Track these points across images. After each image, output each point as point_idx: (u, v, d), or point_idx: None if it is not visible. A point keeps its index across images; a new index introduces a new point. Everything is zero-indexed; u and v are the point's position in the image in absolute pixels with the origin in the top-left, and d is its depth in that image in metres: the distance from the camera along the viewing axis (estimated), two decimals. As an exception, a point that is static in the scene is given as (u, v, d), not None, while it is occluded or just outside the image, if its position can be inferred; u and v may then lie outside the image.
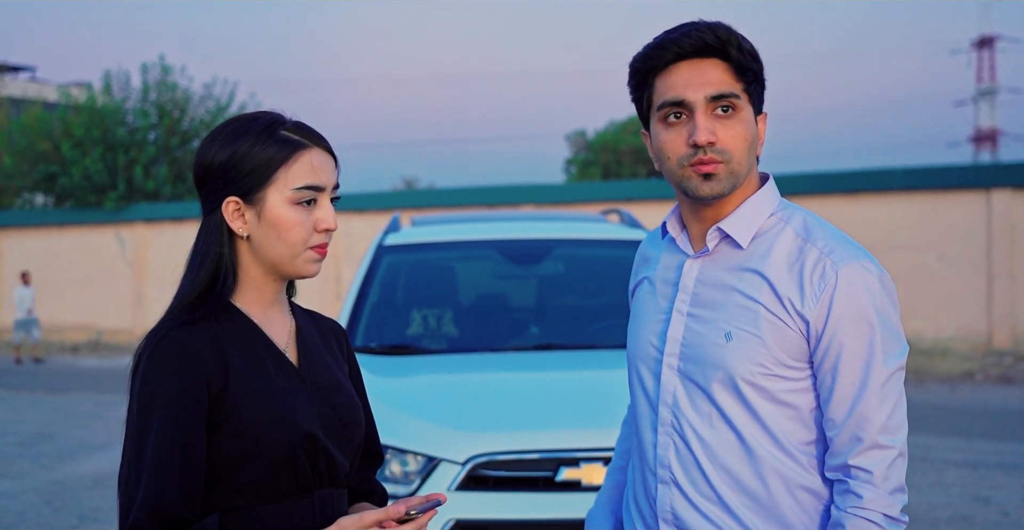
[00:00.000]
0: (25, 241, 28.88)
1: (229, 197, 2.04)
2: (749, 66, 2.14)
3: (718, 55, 2.12)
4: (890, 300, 2.10)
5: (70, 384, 18.22)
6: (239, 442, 1.98)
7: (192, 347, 1.97)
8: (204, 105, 30.02)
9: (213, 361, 1.98)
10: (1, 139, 30.30)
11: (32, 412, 14.33)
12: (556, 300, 6.26)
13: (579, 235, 6.39)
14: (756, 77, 2.16)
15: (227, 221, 2.05)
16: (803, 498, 2.13)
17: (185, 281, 2.05)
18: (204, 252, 2.05)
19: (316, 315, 2.28)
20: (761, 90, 2.19)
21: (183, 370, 1.96)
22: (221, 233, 2.05)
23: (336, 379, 2.17)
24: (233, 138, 2.06)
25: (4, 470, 10.07)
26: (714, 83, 2.11)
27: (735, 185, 2.15)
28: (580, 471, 4.10)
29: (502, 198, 23.27)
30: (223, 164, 2.04)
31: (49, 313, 28.11)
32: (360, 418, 2.18)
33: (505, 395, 4.66)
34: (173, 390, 1.95)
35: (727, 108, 2.12)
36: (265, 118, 2.09)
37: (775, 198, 2.25)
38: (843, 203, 20.65)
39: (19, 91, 46.01)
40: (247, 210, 2.05)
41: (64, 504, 8.59)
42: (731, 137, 2.12)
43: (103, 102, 29.17)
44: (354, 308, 5.67)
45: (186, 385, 1.95)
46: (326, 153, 2.09)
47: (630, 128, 40.32)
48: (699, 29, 2.12)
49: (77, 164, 27.90)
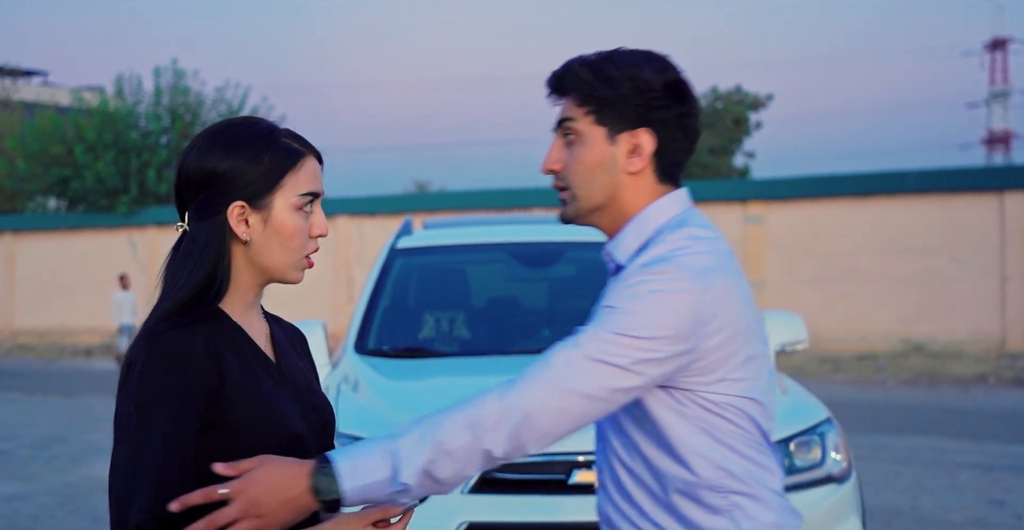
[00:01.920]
0: (38, 245, 28.97)
1: (235, 202, 2.06)
2: (591, 93, 2.21)
3: (563, 92, 2.26)
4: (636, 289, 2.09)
5: (83, 387, 18.27)
6: (233, 443, 2.00)
7: (190, 348, 1.99)
8: (216, 109, 30.09)
9: (209, 363, 2.00)
10: (14, 143, 30.40)
11: (45, 415, 14.37)
12: (568, 303, 6.26)
13: (590, 238, 6.38)
14: (606, 101, 2.21)
15: (231, 226, 2.06)
16: (683, 500, 2.16)
17: (177, 283, 2.06)
18: (201, 255, 2.06)
19: (280, 319, 2.32)
20: (626, 108, 2.21)
21: (182, 372, 1.97)
22: (224, 237, 2.07)
23: (308, 381, 2.23)
24: (236, 144, 2.08)
25: (17, 473, 10.10)
26: (559, 115, 2.27)
27: (584, 209, 2.25)
28: (593, 474, 4.09)
29: (514, 201, 23.29)
30: (230, 169, 2.06)
31: (62, 317, 28.20)
32: (334, 420, 2.24)
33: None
34: (173, 392, 1.96)
35: (568, 134, 2.24)
36: (264, 124, 2.12)
37: (666, 213, 2.24)
38: (855, 206, 20.61)
39: (32, 95, 46.16)
40: (252, 215, 2.07)
41: (77, 507, 8.60)
42: (571, 164, 2.24)
43: (115, 106, 29.25)
44: (366, 311, 5.68)
45: (185, 386, 1.97)
46: (317, 160, 2.15)
47: (642, 131, 40.31)
48: (551, 75, 2.30)
49: (90, 168, 27.98)
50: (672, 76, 2.23)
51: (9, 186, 32.00)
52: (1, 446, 11.69)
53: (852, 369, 18.64)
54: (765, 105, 42.48)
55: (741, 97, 41.95)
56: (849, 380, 17.72)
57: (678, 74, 2.25)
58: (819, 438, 4.51)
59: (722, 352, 2.11)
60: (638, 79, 2.21)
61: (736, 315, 2.13)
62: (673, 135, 2.22)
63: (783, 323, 5.60)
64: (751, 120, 42.09)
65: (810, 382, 15.68)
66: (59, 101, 40.81)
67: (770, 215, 21.30)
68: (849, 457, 4.60)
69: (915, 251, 19.83)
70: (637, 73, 2.21)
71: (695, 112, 2.26)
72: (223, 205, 2.06)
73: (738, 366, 2.13)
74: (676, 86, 2.23)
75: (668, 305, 2.06)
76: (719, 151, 41.06)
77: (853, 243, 20.56)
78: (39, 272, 28.83)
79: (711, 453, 2.13)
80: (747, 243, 21.29)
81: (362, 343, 5.46)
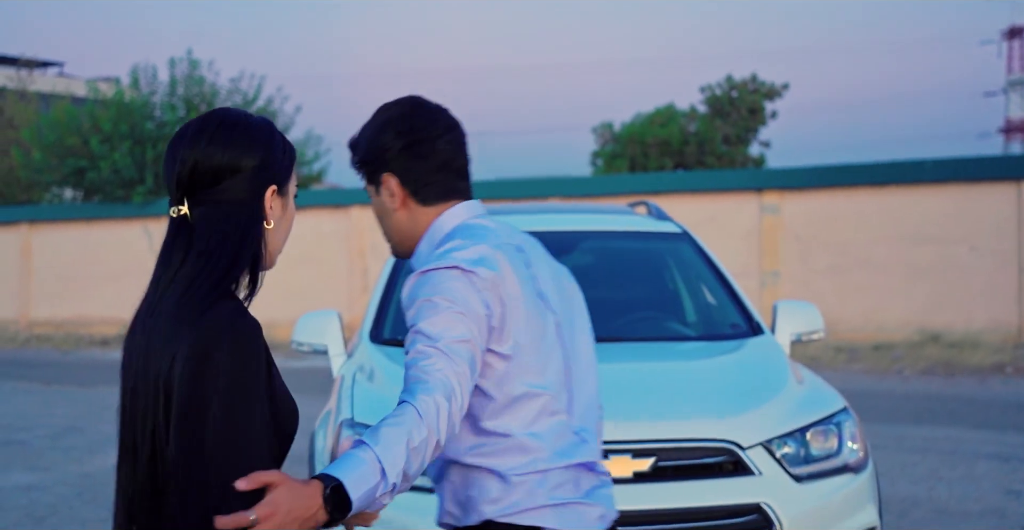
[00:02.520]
0: (55, 235, 29.05)
1: (272, 185, 2.14)
2: (355, 163, 2.76)
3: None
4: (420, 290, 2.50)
5: (100, 378, 18.32)
6: (275, 416, 2.08)
7: (260, 327, 2.05)
8: (231, 99, 30.07)
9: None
10: (30, 134, 30.47)
11: (63, 406, 14.43)
12: (584, 292, 6.22)
13: (607, 227, 6.37)
14: (365, 164, 2.73)
15: (265, 209, 2.13)
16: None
17: (228, 260, 2.07)
18: (245, 236, 2.10)
19: None
20: (371, 164, 2.71)
21: (262, 350, 2.04)
22: (262, 220, 2.13)
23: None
24: (261, 133, 2.16)
25: (35, 463, 10.14)
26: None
27: (396, 248, 2.80)
28: (608, 463, 4.07)
29: (529, 191, 23.24)
30: (265, 156, 2.14)
31: (79, 308, 28.29)
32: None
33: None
34: (260, 370, 2.02)
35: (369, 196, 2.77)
36: (257, 116, 2.22)
37: (439, 234, 2.67)
38: (872, 195, 20.53)
39: (48, 86, 46.23)
40: (276, 200, 2.15)
41: (95, 497, 8.64)
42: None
43: (131, 97, 29.27)
44: (381, 300, 5.67)
45: (264, 365, 2.04)
46: None
47: (657, 120, 40.18)
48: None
49: (105, 158, 28.02)
50: (395, 121, 2.69)
51: (25, 177, 32.08)
52: (18, 436, 11.74)
53: (868, 359, 18.59)
54: (781, 94, 42.30)
55: (757, 86, 41.79)
56: (865, 370, 17.67)
57: (400, 116, 2.70)
58: (836, 427, 4.50)
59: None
60: (373, 142, 2.69)
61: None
62: (408, 165, 2.66)
63: (799, 313, 5.59)
64: (767, 109, 41.94)
65: (826, 372, 15.63)
66: (75, 92, 40.84)
67: (786, 205, 21.22)
68: (866, 447, 4.59)
69: (932, 240, 19.74)
70: (373, 137, 2.69)
71: (426, 137, 2.67)
72: (262, 189, 2.12)
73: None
74: (397, 126, 2.68)
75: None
76: (734, 140, 40.93)
77: (869, 233, 20.48)
78: (55, 263, 28.91)
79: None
80: (762, 233, 21.23)
81: (377, 332, 5.46)
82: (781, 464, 4.26)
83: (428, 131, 2.67)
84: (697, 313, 6.08)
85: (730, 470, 4.21)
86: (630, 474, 4.10)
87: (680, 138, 39.90)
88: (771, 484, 4.18)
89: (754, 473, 4.19)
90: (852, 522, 4.36)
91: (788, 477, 4.24)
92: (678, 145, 39.48)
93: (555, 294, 2.77)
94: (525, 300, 2.57)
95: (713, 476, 4.19)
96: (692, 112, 41.51)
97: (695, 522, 4.06)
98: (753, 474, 4.19)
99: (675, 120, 40.63)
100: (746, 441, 4.23)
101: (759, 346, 5.30)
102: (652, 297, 6.23)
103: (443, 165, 2.68)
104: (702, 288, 6.08)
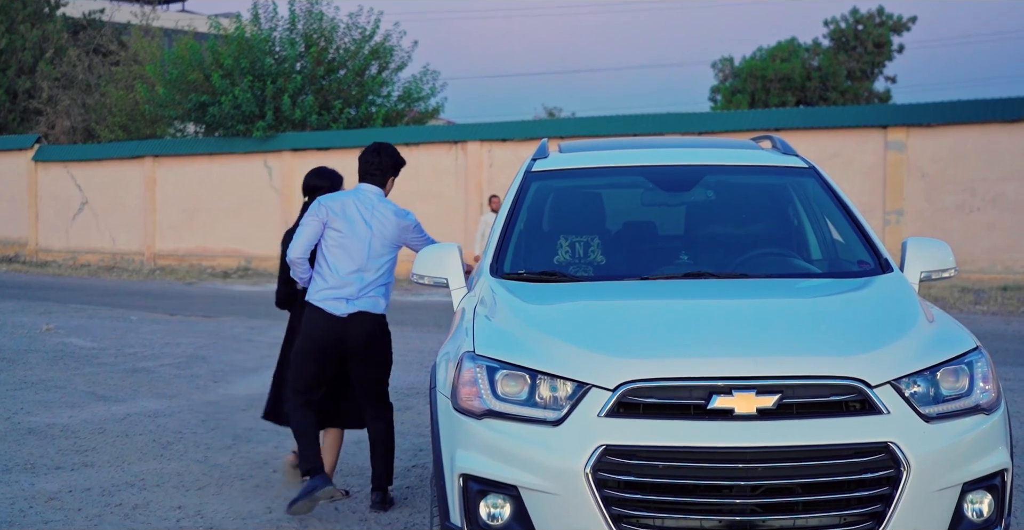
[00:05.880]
0: (178, 169, 29.63)
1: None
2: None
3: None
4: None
5: (222, 309, 18.73)
6: None
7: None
8: (350, 34, 30.21)
9: None
10: (154, 69, 31.00)
11: (187, 335, 14.78)
12: (706, 228, 6.14)
13: (731, 161, 6.24)
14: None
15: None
16: None
17: None
18: None
19: None
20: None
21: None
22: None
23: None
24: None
25: (162, 390, 10.41)
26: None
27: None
28: (732, 400, 4.02)
29: (647, 127, 22.99)
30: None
31: (201, 240, 28.88)
32: None
33: (656, 322, 4.59)
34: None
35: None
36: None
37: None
38: (1002, 131, 19.91)
39: (171, 22, 46.94)
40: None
41: (219, 424, 8.84)
42: None
43: (251, 32, 29.56)
44: (502, 235, 5.65)
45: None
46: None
47: (778, 55, 39.39)
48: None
49: (227, 94, 28.39)
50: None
51: (149, 112, 32.70)
52: (146, 364, 12.06)
53: (995, 300, 18.13)
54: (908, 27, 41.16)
55: (883, 19, 40.70)
56: (991, 311, 17.25)
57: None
58: (967, 367, 4.36)
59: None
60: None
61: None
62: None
63: (930, 250, 5.41)
64: (893, 43, 40.85)
65: (951, 313, 15.28)
66: (197, 28, 41.40)
67: (912, 141, 20.68)
68: (998, 388, 4.45)
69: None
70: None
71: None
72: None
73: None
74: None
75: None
76: (859, 75, 39.99)
77: (999, 170, 19.90)
78: (179, 196, 29.52)
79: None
80: (887, 170, 20.74)
81: (498, 266, 5.44)
82: (910, 403, 4.15)
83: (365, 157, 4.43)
84: (823, 250, 5.95)
85: (857, 408, 4.12)
86: (754, 410, 4.03)
87: (802, 73, 39.09)
88: (899, 423, 4.08)
89: (882, 412, 4.09)
90: (982, 464, 4.24)
91: (917, 416, 4.13)
92: (800, 80, 38.68)
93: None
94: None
95: (839, 414, 4.10)
96: (815, 46, 40.60)
97: (820, 460, 3.99)
98: (881, 413, 4.09)
99: (797, 55, 39.79)
100: (874, 379, 4.12)
101: (888, 283, 5.16)
102: (777, 233, 6.11)
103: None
104: (828, 224, 5.94)
